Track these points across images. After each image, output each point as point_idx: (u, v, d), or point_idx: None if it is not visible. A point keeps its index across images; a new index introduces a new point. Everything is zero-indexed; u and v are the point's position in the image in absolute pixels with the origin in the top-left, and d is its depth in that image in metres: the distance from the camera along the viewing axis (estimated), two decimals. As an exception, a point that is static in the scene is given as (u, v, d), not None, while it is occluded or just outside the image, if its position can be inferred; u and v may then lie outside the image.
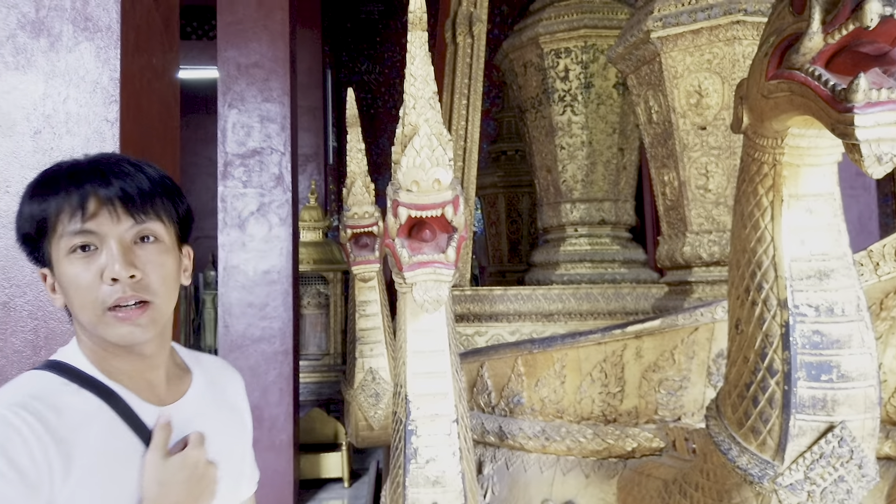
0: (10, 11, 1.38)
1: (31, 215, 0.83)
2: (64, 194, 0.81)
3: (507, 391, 1.74)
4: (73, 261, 0.82)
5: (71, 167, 0.85)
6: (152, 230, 0.85)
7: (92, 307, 0.81)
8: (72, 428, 0.77)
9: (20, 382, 0.82)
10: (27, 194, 0.86)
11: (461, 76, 3.06)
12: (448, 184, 1.35)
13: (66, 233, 0.81)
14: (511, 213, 4.81)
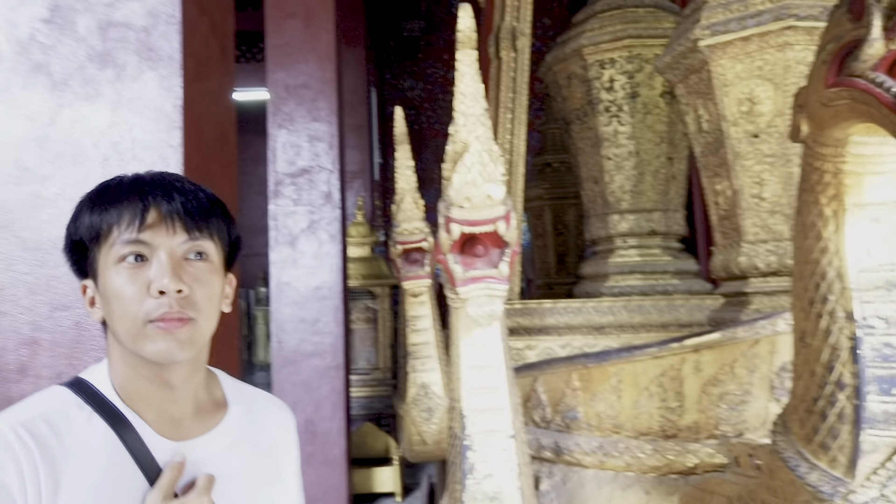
0: (79, 45, 1.45)
1: (90, 224, 0.82)
2: (126, 204, 0.81)
3: (563, 406, 1.73)
4: (121, 270, 0.80)
5: (134, 179, 0.86)
6: (204, 248, 0.84)
7: (133, 319, 0.79)
8: (70, 454, 0.76)
9: (39, 398, 0.82)
10: (87, 202, 0.85)
11: (505, 90, 3.08)
12: (500, 199, 1.36)
13: (118, 241, 0.80)
14: (557, 226, 4.79)
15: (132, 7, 1.46)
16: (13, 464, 0.72)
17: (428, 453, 2.44)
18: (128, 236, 0.80)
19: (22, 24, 1.44)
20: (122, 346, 0.82)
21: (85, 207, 0.84)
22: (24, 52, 1.44)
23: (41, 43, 1.44)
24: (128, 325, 0.79)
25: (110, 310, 0.81)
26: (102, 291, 0.82)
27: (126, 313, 0.79)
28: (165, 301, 0.79)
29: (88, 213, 0.83)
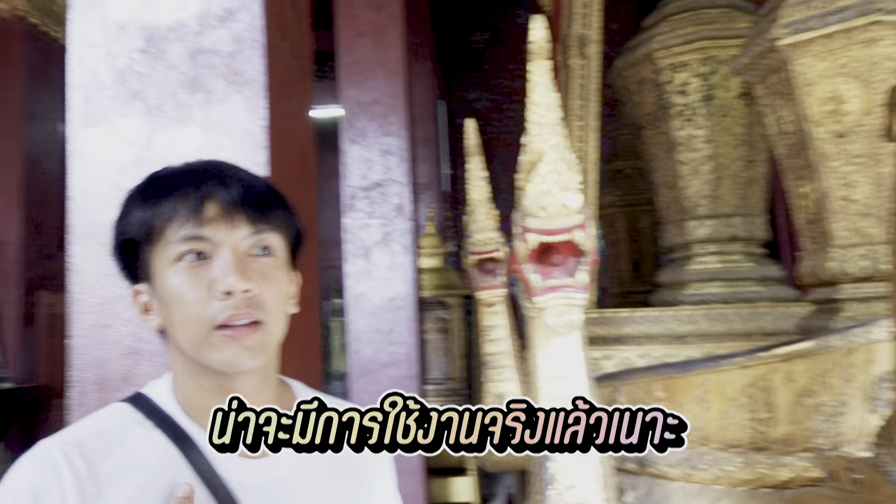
0: (171, 72, 1.54)
1: (142, 220, 0.73)
2: (181, 195, 0.72)
3: (644, 416, 1.69)
4: (179, 270, 0.72)
5: (187, 168, 0.77)
6: (269, 242, 0.76)
7: (197, 324, 0.71)
8: (125, 473, 0.68)
9: (96, 415, 0.76)
10: (136, 197, 0.76)
11: (575, 98, 3.06)
12: (577, 208, 1.36)
13: (175, 238, 0.72)
14: (631, 233, 4.70)
15: (219, 34, 1.54)
16: (57, 486, 0.65)
17: (506, 463, 2.43)
18: (185, 232, 0.72)
19: (121, 55, 1.54)
20: (183, 355, 0.75)
21: (134, 202, 0.76)
22: (122, 81, 1.54)
23: (137, 72, 1.54)
24: (191, 331, 0.71)
25: (170, 316, 0.73)
26: (159, 295, 0.74)
27: (188, 318, 0.71)
28: (231, 302, 0.70)
29: (139, 209, 0.74)
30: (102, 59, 1.55)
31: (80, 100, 1.53)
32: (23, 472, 0.67)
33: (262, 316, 0.72)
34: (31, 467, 0.67)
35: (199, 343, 0.71)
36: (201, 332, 0.71)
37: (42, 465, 0.67)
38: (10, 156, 5.11)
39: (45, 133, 5.33)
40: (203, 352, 0.72)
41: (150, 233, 0.73)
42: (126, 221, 0.76)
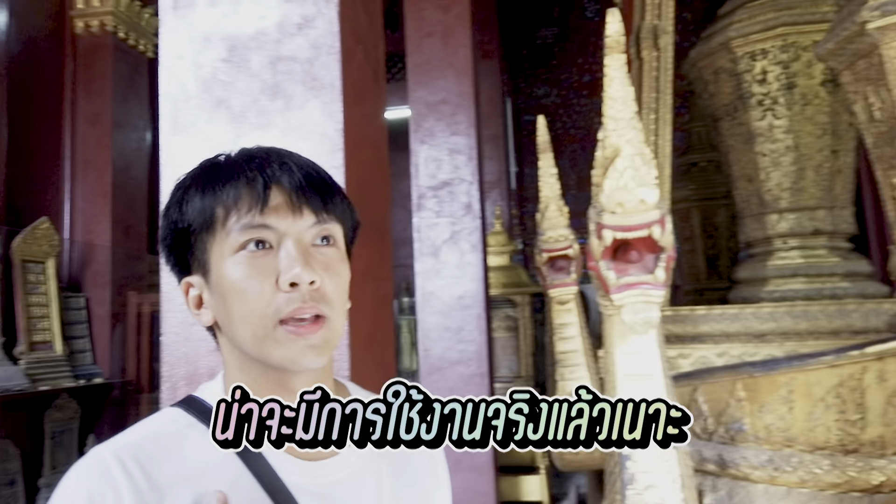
0: (253, 80, 1.60)
1: (202, 207, 0.69)
2: (243, 180, 0.68)
3: (726, 417, 1.65)
4: (241, 261, 0.67)
5: (247, 154, 0.72)
6: (332, 232, 0.72)
7: (261, 318, 0.66)
8: (182, 478, 0.65)
9: (149, 420, 0.72)
10: (194, 183, 0.71)
11: (648, 90, 2.99)
12: (654, 203, 1.34)
13: (238, 227, 0.67)
14: (707, 228, 4.56)
15: (297, 42, 1.60)
16: (112, 492, 0.62)
17: (578, 463, 2.41)
18: (248, 220, 0.67)
19: (206, 64, 1.62)
20: (240, 351, 0.70)
21: (193, 189, 0.71)
22: (207, 90, 1.62)
23: (221, 80, 1.61)
24: (254, 326, 0.67)
25: (228, 309, 0.68)
26: (216, 288, 0.69)
27: (251, 312, 0.66)
28: (297, 295, 0.66)
29: (199, 196, 0.69)
30: (189, 70, 1.62)
31: (169, 109, 1.61)
32: (77, 479, 0.65)
33: (326, 310, 0.68)
34: (86, 473, 0.65)
35: (261, 338, 0.67)
36: (265, 327, 0.66)
37: (97, 470, 0.64)
38: (100, 164, 5.42)
39: (132, 142, 5.62)
40: (265, 348, 0.67)
41: (210, 221, 0.68)
42: (181, 209, 0.70)
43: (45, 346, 4.66)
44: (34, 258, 4.74)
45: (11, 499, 4.29)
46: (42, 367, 4.55)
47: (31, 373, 4.42)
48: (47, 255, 4.84)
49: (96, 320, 5.34)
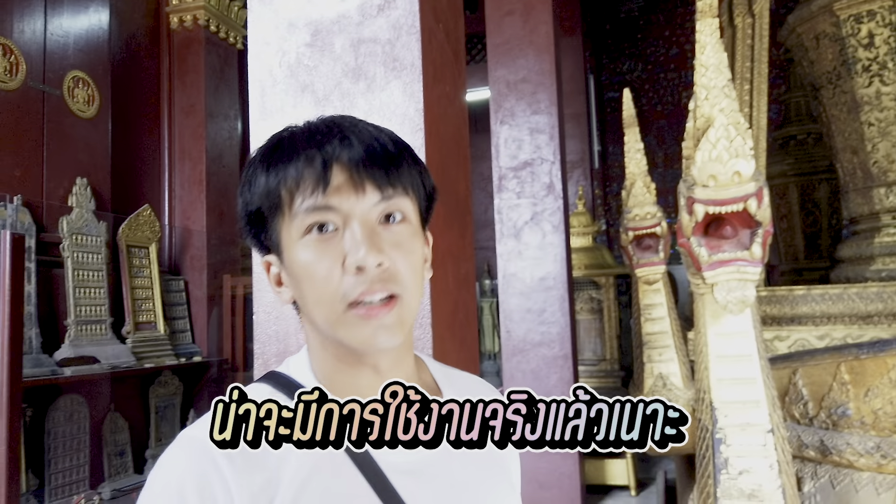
0: (336, 63, 1.63)
1: (267, 189, 0.67)
2: (303, 160, 0.66)
3: (829, 401, 1.55)
4: (308, 245, 0.66)
5: (307, 128, 0.70)
6: (400, 207, 0.69)
7: (330, 303, 0.65)
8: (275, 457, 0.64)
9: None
10: (259, 162, 0.70)
11: (742, 60, 2.84)
12: (750, 175, 1.27)
13: (302, 209, 0.66)
14: (805, 204, 4.31)
15: (378, 23, 1.61)
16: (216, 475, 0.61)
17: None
18: (311, 203, 0.66)
19: (290, 51, 1.65)
20: (318, 331, 0.70)
21: (258, 169, 0.69)
22: (293, 75, 1.65)
23: (306, 65, 1.64)
24: (325, 310, 0.66)
25: (302, 292, 0.68)
26: (290, 269, 0.69)
27: (322, 297, 0.66)
28: (364, 278, 0.65)
29: (263, 176, 0.68)
30: (275, 56, 1.67)
31: (258, 95, 1.66)
32: (179, 464, 0.63)
33: (397, 290, 0.66)
34: (186, 458, 0.63)
35: (334, 322, 0.66)
36: (336, 311, 0.65)
37: (197, 455, 0.63)
38: (195, 153, 5.69)
39: (223, 131, 5.87)
40: (339, 331, 0.66)
41: (277, 203, 0.67)
42: (251, 191, 0.70)
43: (149, 326, 4.97)
44: (138, 243, 5.04)
45: (122, 468, 4.62)
46: (146, 345, 4.85)
47: (137, 351, 4.72)
48: (150, 241, 5.14)
49: (194, 302, 5.64)
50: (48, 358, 4.05)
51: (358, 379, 0.71)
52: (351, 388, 0.70)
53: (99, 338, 4.45)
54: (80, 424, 4.29)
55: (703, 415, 1.39)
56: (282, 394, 0.69)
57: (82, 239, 4.44)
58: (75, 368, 4.11)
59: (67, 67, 4.55)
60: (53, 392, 4.15)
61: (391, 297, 0.66)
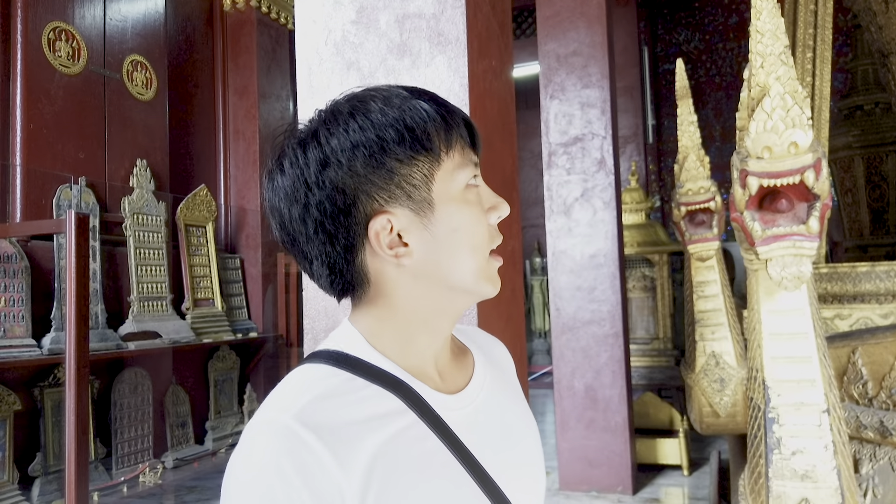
0: (381, 39, 1.63)
1: (432, 142, 0.66)
2: (452, 120, 0.67)
3: (889, 381, 1.49)
4: (470, 196, 0.68)
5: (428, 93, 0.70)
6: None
7: (484, 250, 0.68)
8: (362, 434, 0.63)
9: (299, 382, 0.68)
10: (401, 123, 0.66)
11: (804, 26, 2.71)
12: (807, 146, 1.22)
13: (463, 162, 0.67)
14: (872, 178, 4.11)
15: (423, -3, 1.60)
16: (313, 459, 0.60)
17: (720, 426, 2.30)
18: (469, 157, 0.69)
19: (336, 28, 1.66)
20: (440, 291, 0.69)
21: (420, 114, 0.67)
22: (338, 53, 1.66)
23: (352, 42, 1.64)
24: (479, 257, 0.68)
25: (457, 243, 0.67)
26: (443, 222, 0.67)
27: (480, 244, 0.68)
28: (495, 227, 0.70)
29: (433, 125, 0.66)
30: (321, 33, 1.67)
31: (305, 73, 1.67)
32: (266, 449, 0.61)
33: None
34: (274, 442, 0.61)
35: (482, 268, 0.69)
36: (485, 257, 0.69)
37: (288, 440, 0.61)
38: (249, 133, 5.80)
39: (275, 111, 5.96)
40: (482, 277, 0.69)
41: (433, 152, 0.66)
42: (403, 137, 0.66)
43: (207, 303, 5.13)
44: (195, 223, 5.19)
45: (183, 438, 4.81)
46: (205, 321, 5.01)
47: (196, 327, 4.89)
48: (206, 220, 5.28)
49: (250, 279, 5.79)
50: (113, 333, 4.24)
51: (431, 343, 0.72)
52: (415, 354, 0.71)
53: (160, 314, 4.62)
54: (144, 396, 4.48)
55: (755, 394, 1.36)
56: (349, 373, 0.68)
57: (143, 219, 4.60)
58: (138, 343, 4.28)
59: (126, 52, 4.68)
60: (118, 365, 4.34)
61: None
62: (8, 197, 3.95)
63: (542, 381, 7.33)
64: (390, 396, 0.67)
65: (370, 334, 0.71)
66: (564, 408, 4.11)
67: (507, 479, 0.71)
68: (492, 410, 0.75)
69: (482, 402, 0.74)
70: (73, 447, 2.47)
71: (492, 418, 0.75)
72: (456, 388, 0.73)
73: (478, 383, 0.75)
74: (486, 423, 0.74)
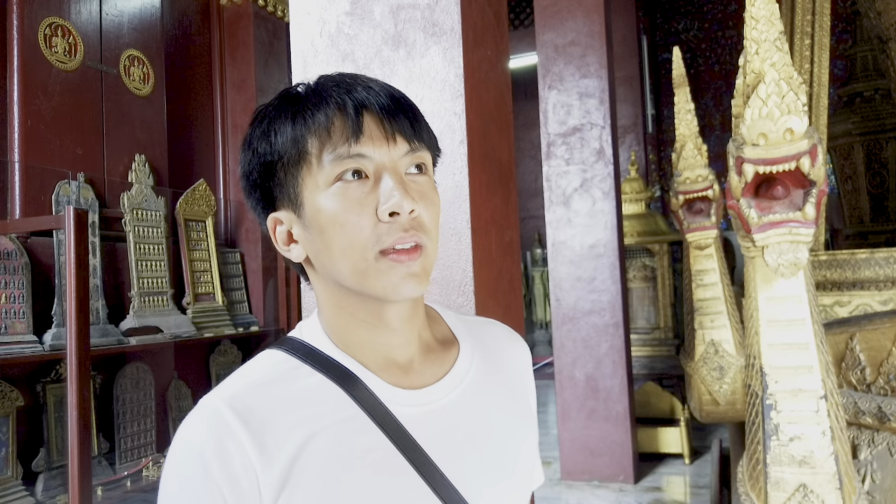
0: (376, 30, 1.62)
1: (294, 138, 0.66)
2: (334, 107, 0.65)
3: (888, 367, 1.49)
4: (338, 192, 0.65)
5: (329, 79, 0.69)
6: (423, 159, 0.69)
7: (362, 250, 0.65)
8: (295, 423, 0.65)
9: (249, 366, 0.71)
10: (282, 114, 0.68)
11: (802, 12, 2.70)
12: (802, 132, 1.22)
13: (332, 157, 0.64)
14: (872, 165, 4.11)
15: (417, -13, 1.59)
16: (233, 443, 0.62)
17: (720, 414, 2.31)
18: (344, 150, 0.64)
19: (330, 20, 1.65)
20: (335, 286, 0.69)
21: (281, 119, 0.67)
22: (333, 45, 1.66)
23: (346, 34, 1.64)
24: (355, 258, 0.65)
25: (327, 242, 0.66)
26: (312, 221, 0.67)
27: (353, 244, 0.65)
28: (397, 225, 0.65)
29: (289, 126, 0.66)
30: (316, 25, 1.67)
31: (300, 65, 1.67)
32: (197, 431, 0.64)
33: (423, 239, 0.66)
34: (204, 425, 0.64)
35: (363, 270, 0.65)
36: (366, 258, 0.65)
37: (213, 421, 0.63)
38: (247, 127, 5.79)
39: (273, 104, 5.94)
40: (367, 279, 0.66)
41: (303, 151, 0.66)
42: (270, 141, 0.67)
43: (207, 298, 5.14)
44: (195, 217, 5.19)
45: (187, 431, 4.83)
46: (206, 316, 5.02)
47: (197, 321, 4.90)
48: (206, 215, 5.29)
49: (250, 273, 5.80)
50: (114, 328, 4.25)
51: (373, 336, 0.70)
52: (366, 346, 0.71)
53: (161, 309, 4.63)
54: (146, 391, 4.50)
55: (752, 380, 1.36)
56: (298, 360, 0.69)
57: (142, 214, 4.61)
58: (140, 338, 4.29)
59: (123, 46, 4.67)
60: (120, 361, 4.35)
61: (418, 245, 0.66)
62: (7, 193, 3.95)
63: (543, 372, 7.35)
64: (334, 387, 0.67)
65: (327, 324, 0.72)
66: (565, 398, 4.12)
67: (468, 479, 0.69)
68: (466, 408, 0.73)
69: (454, 399, 0.72)
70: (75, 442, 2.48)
71: (464, 417, 0.72)
72: (422, 383, 0.71)
73: (452, 380, 0.73)
74: (453, 421, 0.71)
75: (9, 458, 3.54)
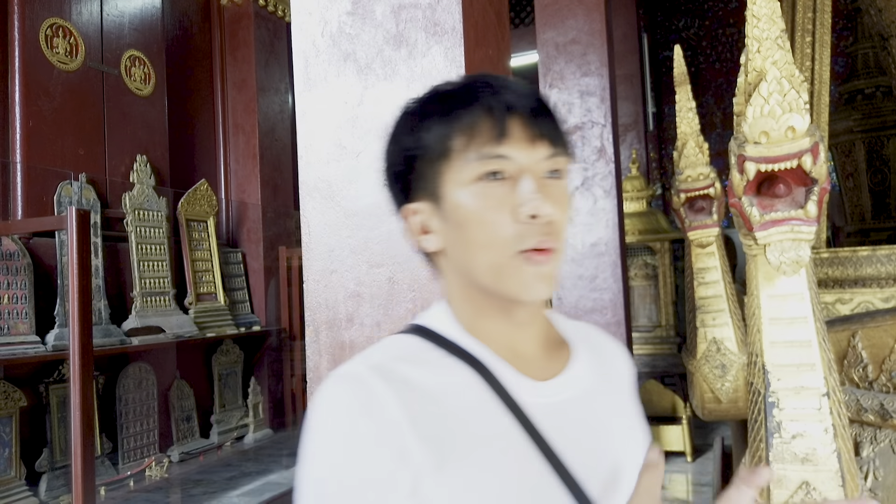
0: (377, 30, 1.62)
1: (441, 135, 0.67)
2: (482, 108, 0.67)
3: (890, 364, 1.50)
4: (480, 190, 0.66)
5: (479, 79, 0.70)
6: (561, 164, 0.70)
7: (502, 248, 0.66)
8: (428, 401, 0.65)
9: (385, 345, 0.72)
10: (429, 111, 0.70)
11: (803, 10, 2.70)
12: (804, 130, 1.22)
13: (477, 155, 0.66)
14: (873, 162, 4.10)
15: (418, -13, 1.59)
16: (377, 405, 0.63)
17: (722, 412, 2.31)
18: (488, 150, 0.66)
19: (332, 19, 1.65)
20: (467, 279, 0.71)
21: (429, 116, 0.69)
22: (335, 45, 1.66)
23: (348, 34, 1.64)
24: (493, 255, 0.66)
25: (465, 237, 0.68)
26: (451, 215, 0.69)
27: (493, 241, 0.66)
28: (536, 227, 0.66)
29: (437, 123, 0.68)
30: (318, 25, 1.67)
31: (302, 65, 1.67)
32: (342, 394, 0.64)
33: (557, 244, 0.67)
34: (344, 388, 0.65)
35: (500, 266, 0.67)
36: (505, 256, 0.66)
37: (358, 385, 0.64)
38: (248, 127, 5.79)
39: (274, 105, 5.95)
40: (503, 277, 0.67)
41: (448, 148, 0.67)
42: (418, 136, 0.69)
43: (209, 297, 5.14)
44: (197, 217, 5.20)
45: (189, 432, 4.84)
46: (208, 315, 5.03)
47: (199, 321, 4.90)
48: (207, 215, 5.29)
49: (252, 273, 5.80)
50: (117, 328, 4.25)
51: (501, 329, 0.72)
52: (494, 338, 0.72)
53: (163, 309, 4.63)
54: (149, 391, 4.50)
55: (755, 378, 1.37)
56: (431, 344, 0.71)
57: (144, 214, 4.61)
58: (142, 338, 4.30)
59: (124, 47, 4.67)
60: (123, 361, 4.35)
61: (551, 249, 0.67)
62: (9, 194, 3.96)
63: (545, 371, 7.34)
64: (466, 371, 0.68)
65: (457, 313, 0.73)
66: (567, 396, 4.13)
67: (586, 474, 0.69)
68: (584, 405, 0.73)
69: (574, 395, 0.73)
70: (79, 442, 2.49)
71: (582, 414, 0.73)
72: (544, 377, 0.72)
73: (571, 377, 0.74)
74: (573, 416, 0.72)
75: (12, 458, 3.55)
